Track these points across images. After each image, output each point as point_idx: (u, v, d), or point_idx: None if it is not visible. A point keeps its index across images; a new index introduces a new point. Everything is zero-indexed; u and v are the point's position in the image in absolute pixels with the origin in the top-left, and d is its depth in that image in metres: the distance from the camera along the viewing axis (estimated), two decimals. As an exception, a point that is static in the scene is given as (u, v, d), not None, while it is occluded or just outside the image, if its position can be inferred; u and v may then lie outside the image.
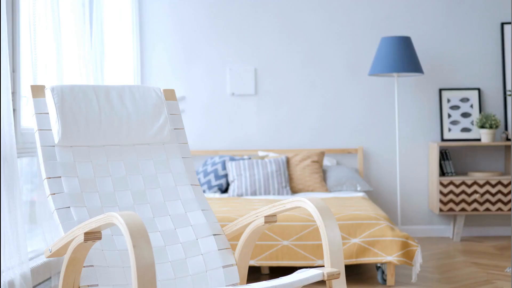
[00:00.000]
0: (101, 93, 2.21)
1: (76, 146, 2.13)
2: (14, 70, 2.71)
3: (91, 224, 1.64)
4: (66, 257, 1.76)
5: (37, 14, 2.84)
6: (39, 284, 2.76)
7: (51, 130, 2.10)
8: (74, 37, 3.37)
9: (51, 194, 1.98)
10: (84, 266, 1.88)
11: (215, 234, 2.15)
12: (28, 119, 2.87)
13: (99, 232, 1.66)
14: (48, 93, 2.12)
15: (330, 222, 1.85)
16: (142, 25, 5.04)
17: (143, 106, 2.23)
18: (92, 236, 1.65)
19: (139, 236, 1.48)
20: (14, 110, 2.69)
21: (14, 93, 2.71)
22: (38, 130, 2.08)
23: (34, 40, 2.79)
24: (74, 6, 3.40)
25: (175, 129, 2.36)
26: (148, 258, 1.46)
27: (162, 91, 2.36)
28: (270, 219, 1.99)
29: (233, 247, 3.30)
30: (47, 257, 1.91)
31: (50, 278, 2.84)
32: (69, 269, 1.77)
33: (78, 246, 1.70)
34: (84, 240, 1.65)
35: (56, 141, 2.08)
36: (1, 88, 2.37)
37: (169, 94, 2.40)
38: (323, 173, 4.78)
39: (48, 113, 2.11)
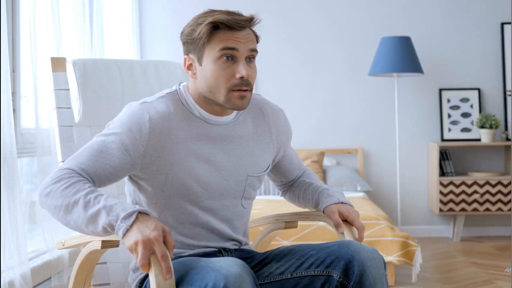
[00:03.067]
0: (125, 69, 2.07)
1: (94, 126, 2.00)
2: (14, 70, 2.71)
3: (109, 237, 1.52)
4: (80, 258, 1.69)
5: (37, 14, 2.84)
6: (39, 284, 2.76)
7: (70, 108, 1.97)
8: (74, 37, 3.37)
9: None
10: (97, 263, 1.80)
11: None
12: (28, 119, 2.87)
13: (117, 240, 1.53)
14: (69, 67, 1.97)
15: (349, 232, 1.76)
16: (142, 25, 5.04)
17: (168, 83, 2.09)
18: (110, 244, 1.53)
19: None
20: (14, 110, 2.69)
21: (14, 93, 2.71)
22: (57, 108, 1.95)
23: (34, 40, 2.79)
24: (74, 6, 3.40)
25: None
26: (169, 284, 1.35)
27: None
28: (290, 224, 1.93)
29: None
30: (59, 249, 1.84)
31: (50, 278, 2.84)
32: (81, 268, 1.70)
33: (94, 250, 1.60)
34: (101, 247, 1.54)
35: (77, 120, 1.95)
36: (1, 88, 2.37)
37: None
38: (323, 173, 4.78)
39: (68, 90, 1.98)
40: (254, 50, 1.65)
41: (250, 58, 1.64)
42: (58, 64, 1.99)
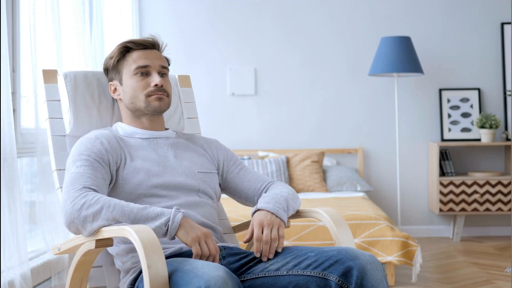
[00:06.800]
0: None
1: None
2: (14, 70, 2.71)
3: (103, 233, 1.59)
4: (75, 260, 1.71)
5: (37, 14, 2.84)
6: (39, 284, 2.76)
7: (62, 118, 1.99)
8: (74, 37, 3.37)
9: (61, 187, 1.88)
10: (93, 267, 1.82)
11: (225, 233, 2.10)
12: (28, 119, 2.87)
13: (111, 239, 1.59)
14: (60, 79, 2.01)
15: (346, 236, 1.81)
16: (142, 24, 5.04)
17: None
18: (103, 243, 1.59)
19: (154, 254, 1.44)
20: (14, 110, 2.69)
21: (14, 93, 2.70)
22: (49, 118, 1.97)
23: (34, 40, 2.79)
24: (74, 5, 3.40)
25: (188, 118, 2.26)
26: (162, 277, 1.43)
27: (177, 77, 2.27)
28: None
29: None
30: (55, 254, 1.86)
31: (50, 278, 2.84)
32: (77, 270, 1.72)
33: (88, 251, 1.64)
34: (95, 247, 1.59)
35: (68, 131, 1.98)
36: (1, 88, 2.37)
37: (184, 81, 2.29)
38: (323, 173, 4.78)
39: (59, 100, 2.00)
40: (165, 68, 1.95)
41: (163, 74, 1.93)
42: (49, 76, 2.02)
